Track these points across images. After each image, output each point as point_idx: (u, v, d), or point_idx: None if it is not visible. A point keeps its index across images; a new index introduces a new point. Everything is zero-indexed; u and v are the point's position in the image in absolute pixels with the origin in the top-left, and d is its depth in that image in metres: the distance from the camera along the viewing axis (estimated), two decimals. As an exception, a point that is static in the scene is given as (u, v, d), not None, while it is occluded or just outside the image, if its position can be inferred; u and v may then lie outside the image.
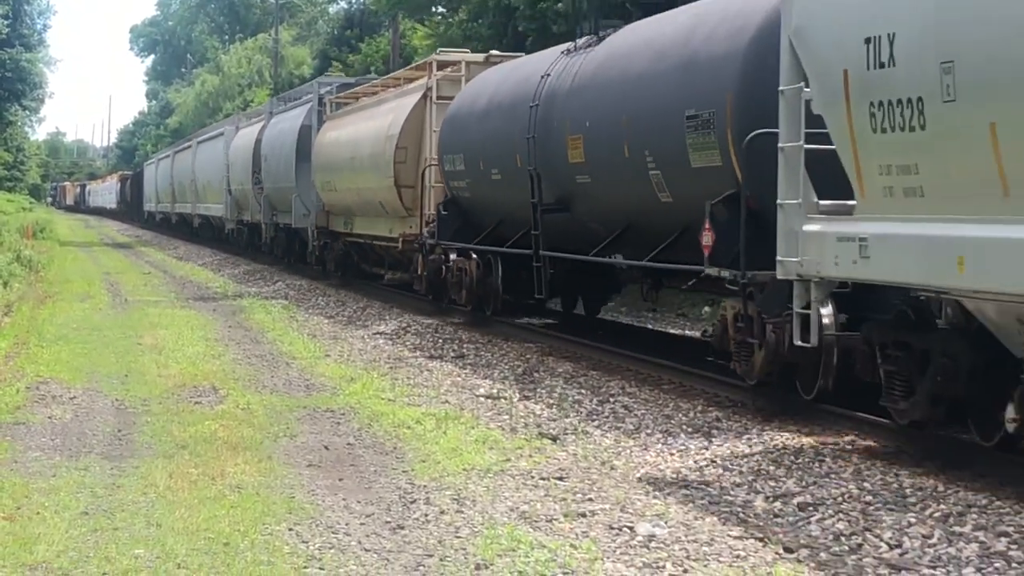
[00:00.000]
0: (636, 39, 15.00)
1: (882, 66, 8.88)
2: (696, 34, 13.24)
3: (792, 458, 10.22)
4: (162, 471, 9.59)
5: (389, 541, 7.80)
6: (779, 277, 10.48)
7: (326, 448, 10.70)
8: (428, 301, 17.56)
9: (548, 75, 16.65)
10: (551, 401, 13.20)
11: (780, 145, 10.33)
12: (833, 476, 9.57)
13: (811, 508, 8.71)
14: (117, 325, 20.44)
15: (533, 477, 9.56)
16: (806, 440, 10.84)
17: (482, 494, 9.00)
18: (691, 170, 12.79)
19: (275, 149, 33.49)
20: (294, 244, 33.38)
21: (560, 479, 9.50)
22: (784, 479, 9.56)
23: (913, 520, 8.27)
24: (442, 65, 22.55)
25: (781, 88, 10.31)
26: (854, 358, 10.52)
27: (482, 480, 9.44)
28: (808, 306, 10.24)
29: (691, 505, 8.82)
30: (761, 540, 7.89)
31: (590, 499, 8.89)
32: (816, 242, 10.00)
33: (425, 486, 9.23)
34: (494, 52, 23.15)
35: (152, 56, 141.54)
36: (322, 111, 30.06)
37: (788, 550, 7.70)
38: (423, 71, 23.30)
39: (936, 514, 8.40)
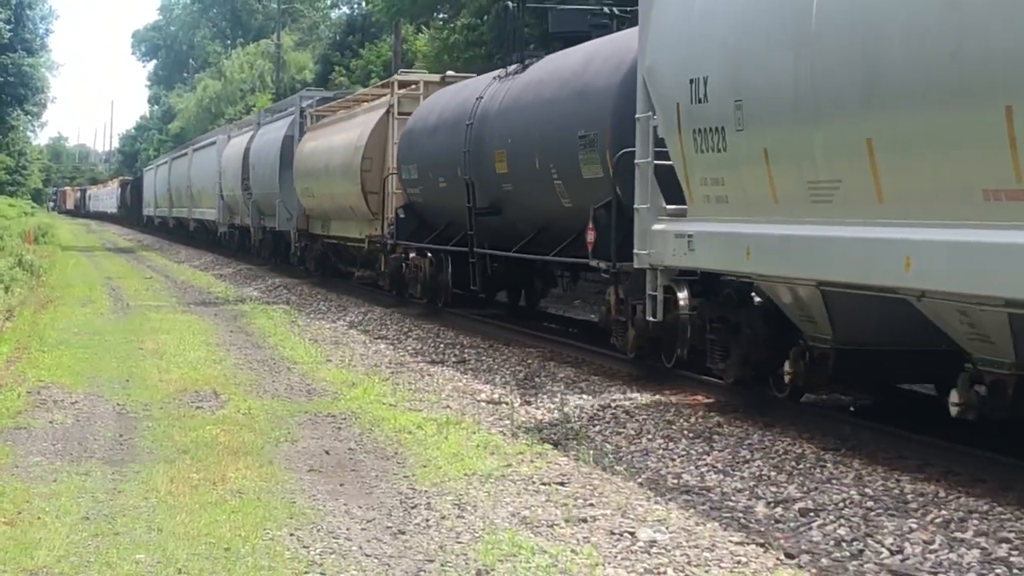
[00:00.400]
0: (548, 69, 17.69)
1: (700, 101, 11.36)
2: (588, 68, 15.90)
3: (793, 464, 10.22)
4: (163, 476, 9.59)
5: (390, 546, 7.80)
6: (635, 267, 13.09)
7: (327, 453, 10.70)
8: (424, 305, 20.01)
9: (482, 97, 19.43)
10: (552, 406, 13.19)
11: (636, 161, 12.82)
12: (834, 481, 9.57)
13: (812, 514, 8.71)
14: (118, 330, 20.45)
15: (534, 482, 9.56)
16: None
17: (483, 499, 9.00)
18: (583, 180, 15.44)
19: (262, 158, 36.02)
20: (279, 246, 36.00)
21: (561, 484, 9.49)
22: (785, 485, 9.56)
23: (914, 526, 8.27)
24: (403, 84, 25.41)
25: (637, 116, 12.82)
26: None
27: (483, 485, 9.43)
28: (664, 289, 12.77)
29: (692, 511, 8.82)
30: (762, 546, 7.89)
31: (591, 504, 8.89)
32: (661, 238, 12.52)
33: (426, 491, 9.23)
34: (450, 73, 25.81)
35: (154, 61, 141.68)
36: (303, 123, 32.76)
37: (789, 556, 7.70)
38: (388, 89, 26.03)
39: (937, 520, 8.40)
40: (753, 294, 12.00)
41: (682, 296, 12.66)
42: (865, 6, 9.15)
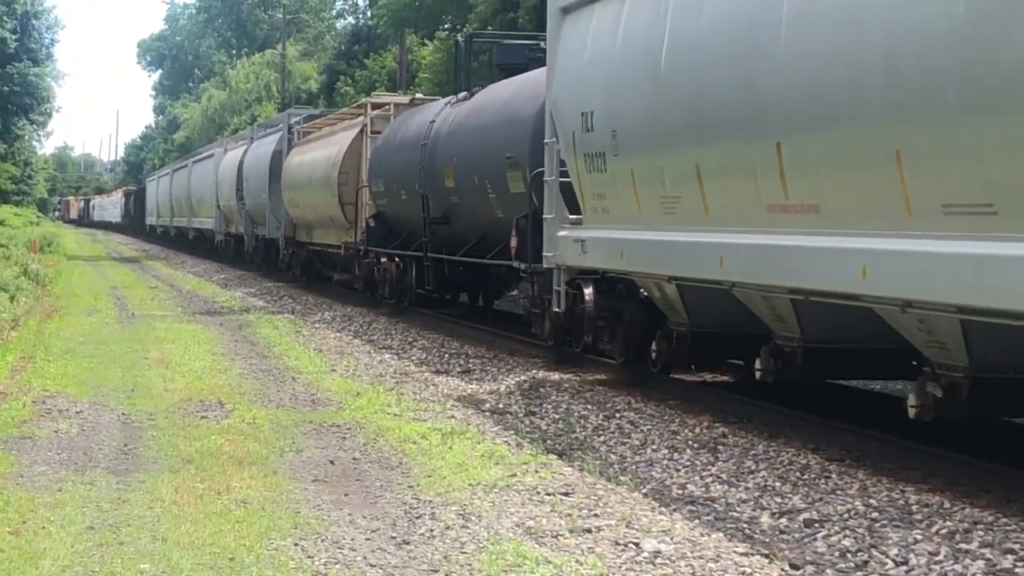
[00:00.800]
0: (488, 98, 20.44)
1: (589, 131, 13.97)
2: (515, 99, 18.61)
3: (798, 474, 10.21)
4: (168, 486, 9.59)
5: (395, 556, 7.80)
6: (545, 266, 15.68)
7: (332, 463, 10.70)
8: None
9: (435, 121, 22.17)
10: (557, 416, 13.19)
11: (545, 179, 15.47)
12: (839, 492, 9.56)
13: (817, 524, 8.70)
14: (124, 339, 20.47)
15: (539, 492, 9.56)
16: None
17: (488, 509, 9.00)
18: (511, 195, 18.17)
19: (254, 170, 38.83)
20: (270, 252, 38.72)
21: (566, 495, 9.49)
22: (790, 495, 9.55)
23: (919, 537, 8.26)
24: (376, 106, 28.18)
25: (545, 141, 15.49)
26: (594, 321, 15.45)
27: (488, 495, 9.43)
28: (569, 285, 15.32)
29: (697, 521, 8.81)
30: (767, 556, 7.88)
31: (596, 515, 8.89)
32: (564, 243, 15.12)
33: (431, 501, 9.23)
34: (419, 95, 29.02)
35: (160, 71, 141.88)
36: (291, 139, 35.33)
37: (794, 567, 7.69)
38: (362, 110, 28.69)
39: (942, 531, 8.39)
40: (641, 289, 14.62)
41: (588, 292, 15.21)
42: (693, 62, 11.80)
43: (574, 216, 15.06)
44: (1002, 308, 8.39)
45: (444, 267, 22.48)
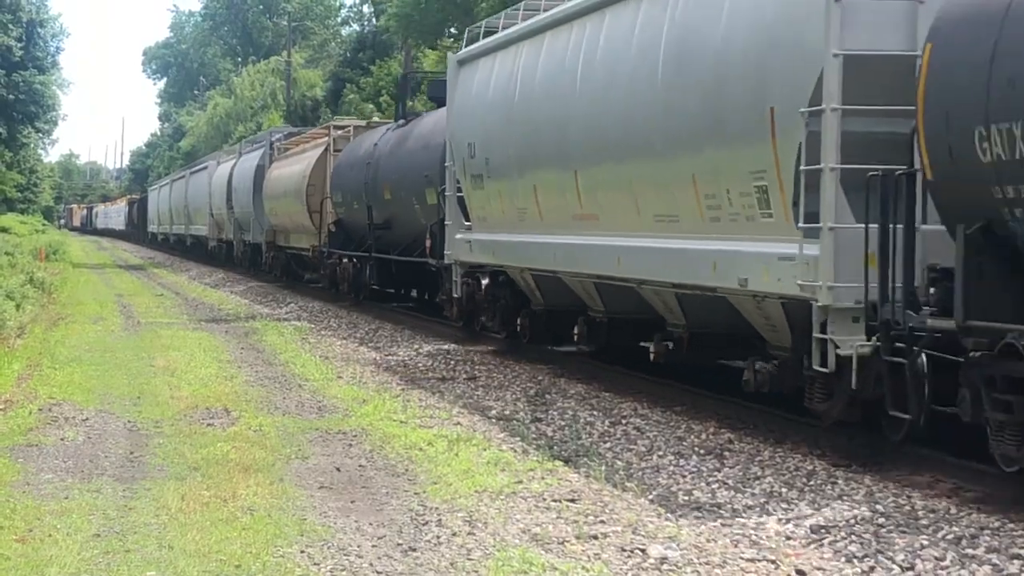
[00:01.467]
0: (417, 125, 25.02)
1: (472, 157, 18.47)
2: (435, 128, 22.71)
3: (805, 480, 10.20)
4: (174, 493, 9.60)
5: (401, 563, 7.80)
6: (446, 262, 20.23)
7: (338, 470, 10.71)
8: (440, 322, 23.26)
9: (378, 144, 26.76)
10: (563, 423, 13.19)
11: (446, 194, 20.07)
12: (845, 498, 9.55)
13: (823, 530, 8.69)
14: (130, 347, 20.49)
15: (545, 499, 9.55)
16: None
17: (494, 516, 9.00)
18: (428, 206, 22.69)
19: (241, 182, 43.26)
20: (256, 256, 42.99)
21: (572, 501, 9.49)
22: (796, 501, 9.55)
23: (926, 542, 8.25)
24: (339, 127, 33.13)
25: (446, 164, 20.06)
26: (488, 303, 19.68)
27: (494, 502, 9.43)
28: (470, 277, 19.83)
29: (703, 527, 8.81)
30: (773, 563, 7.88)
31: (602, 521, 8.88)
32: (459, 244, 19.61)
33: (437, 508, 9.23)
34: (375, 118, 34.33)
35: (165, 79, 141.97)
36: (272, 154, 39.74)
37: (801, 573, 7.68)
38: (327, 131, 33.67)
39: (949, 536, 8.38)
40: (515, 275, 18.32)
41: (484, 282, 19.52)
42: (530, 109, 16.45)
43: (467, 223, 19.43)
44: (694, 283, 12.75)
45: (391, 265, 26.35)
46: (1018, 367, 8.59)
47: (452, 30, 43.28)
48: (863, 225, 10.05)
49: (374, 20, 73.40)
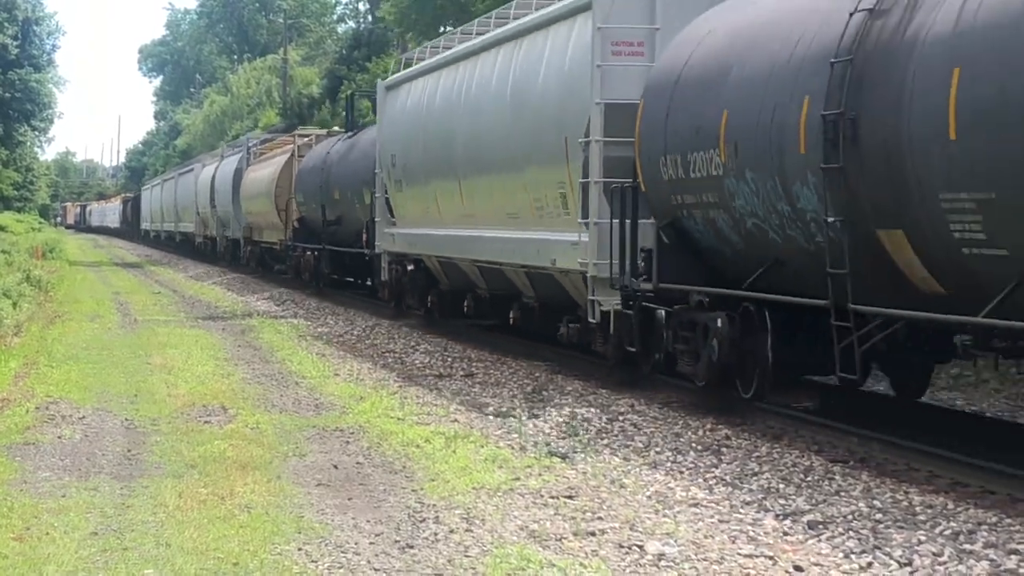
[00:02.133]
0: (360, 137, 29.20)
1: (394, 166, 23.18)
2: (373, 141, 25.96)
3: (802, 476, 10.21)
4: (172, 491, 9.59)
5: (399, 560, 7.80)
6: (376, 252, 24.82)
7: (335, 467, 10.71)
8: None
9: (330, 152, 31.53)
10: (560, 419, 13.19)
11: (376, 196, 24.64)
12: (843, 494, 9.56)
13: (821, 526, 8.70)
14: (126, 345, 20.48)
15: (543, 496, 9.56)
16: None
17: (492, 513, 9.00)
18: (366, 205, 26.78)
19: (223, 183, 47.79)
20: (236, 250, 47.26)
21: (570, 498, 9.49)
22: (794, 497, 9.55)
23: (923, 538, 8.26)
24: (303, 135, 38.21)
25: (376, 171, 24.80)
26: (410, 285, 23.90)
27: (491, 499, 9.43)
28: (400, 265, 23.90)
29: (701, 523, 8.81)
30: (771, 559, 7.88)
31: (600, 518, 8.88)
32: (386, 236, 24.18)
33: (434, 505, 9.23)
34: (336, 128, 37.88)
35: (161, 76, 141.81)
36: (248, 158, 44.21)
37: (798, 568, 7.68)
38: (293, 138, 38.78)
39: (946, 532, 8.39)
40: (425, 262, 22.60)
41: (410, 267, 23.55)
42: (430, 127, 21.10)
43: (392, 220, 24.01)
44: (530, 264, 17.10)
45: (344, 257, 30.41)
46: (691, 313, 13.05)
47: (449, 27, 43.22)
48: (613, 221, 14.11)
49: (370, 17, 73.31)
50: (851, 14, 10.22)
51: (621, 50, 14.76)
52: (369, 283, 30.89)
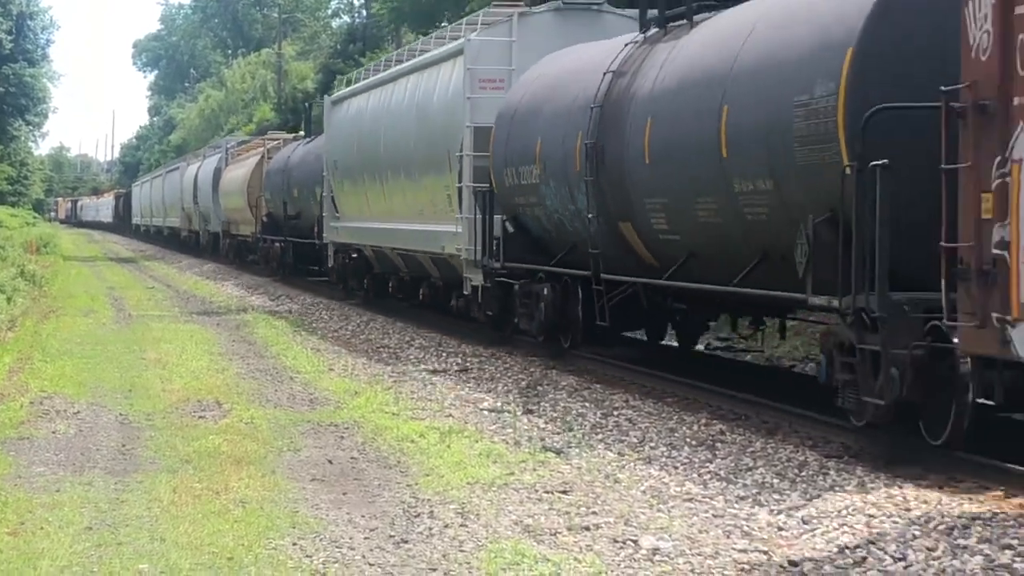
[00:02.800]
0: (315, 143, 32.82)
1: (336, 169, 28.02)
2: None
3: (796, 471, 10.21)
4: (166, 486, 9.59)
5: (393, 555, 7.80)
6: (324, 242, 29.33)
7: (330, 462, 10.71)
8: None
9: (291, 156, 36.08)
10: (555, 415, 13.19)
11: (324, 195, 29.15)
12: (837, 489, 9.56)
13: (815, 521, 8.70)
14: (121, 340, 20.47)
15: (537, 491, 9.56)
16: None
17: (486, 508, 9.00)
18: (318, 201, 30.58)
19: (204, 181, 51.98)
20: (216, 243, 51.27)
21: (564, 493, 9.49)
22: (788, 492, 9.55)
23: (917, 533, 8.26)
24: (272, 139, 43.72)
25: (324, 173, 29.16)
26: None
27: (486, 494, 9.44)
28: (346, 253, 28.00)
29: (695, 518, 8.81)
30: (765, 553, 7.89)
31: (594, 513, 8.89)
32: (332, 229, 28.58)
33: (429, 500, 9.23)
34: (300, 132, 42.26)
35: (155, 71, 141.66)
36: (227, 159, 48.55)
37: (792, 563, 7.69)
38: (264, 142, 43.86)
39: (940, 527, 8.38)
40: (368, 252, 26.34)
41: (353, 255, 27.24)
42: (364, 135, 25.46)
43: (337, 214, 28.16)
44: (434, 251, 20.82)
45: (304, 248, 34.19)
46: (530, 285, 17.07)
47: (444, 22, 43.18)
48: (477, 216, 18.19)
49: (364, 12, 73.22)
50: (604, 74, 14.85)
51: (485, 85, 19.11)
52: (320, 268, 35.59)
